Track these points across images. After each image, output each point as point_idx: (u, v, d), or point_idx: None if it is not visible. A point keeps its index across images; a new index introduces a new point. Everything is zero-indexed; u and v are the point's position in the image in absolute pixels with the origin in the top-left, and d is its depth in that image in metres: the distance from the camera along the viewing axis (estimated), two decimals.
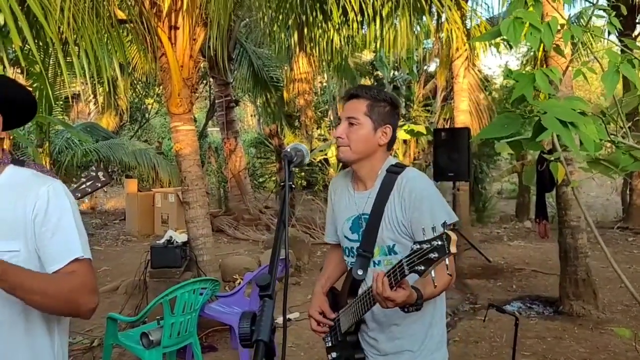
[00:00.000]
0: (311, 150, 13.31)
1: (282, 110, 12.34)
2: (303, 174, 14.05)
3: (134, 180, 11.05)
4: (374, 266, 1.92)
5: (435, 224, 1.80)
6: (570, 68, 2.90)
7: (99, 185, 2.94)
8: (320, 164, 13.70)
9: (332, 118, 14.42)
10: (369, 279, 1.91)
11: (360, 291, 1.94)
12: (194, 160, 5.13)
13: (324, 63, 7.92)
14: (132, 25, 4.87)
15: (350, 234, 2.01)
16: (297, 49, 7.42)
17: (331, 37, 6.36)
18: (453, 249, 1.42)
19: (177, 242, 4.77)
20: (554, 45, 1.41)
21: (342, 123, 1.94)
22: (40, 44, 4.97)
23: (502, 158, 14.75)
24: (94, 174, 2.90)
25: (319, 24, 5.89)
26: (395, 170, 1.94)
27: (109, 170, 13.18)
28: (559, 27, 1.29)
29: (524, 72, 1.49)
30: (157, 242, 4.81)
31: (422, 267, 1.48)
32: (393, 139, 1.99)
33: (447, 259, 1.42)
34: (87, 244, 1.50)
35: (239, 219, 9.78)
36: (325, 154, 12.51)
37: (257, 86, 11.74)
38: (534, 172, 6.98)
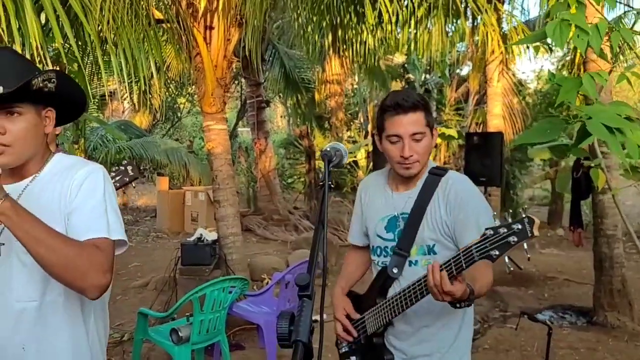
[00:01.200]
0: None
1: (312, 112, 12.35)
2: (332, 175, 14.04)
3: (165, 178, 11.20)
4: (411, 265, 1.91)
5: (479, 226, 1.79)
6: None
7: (127, 180, 2.91)
8: (348, 166, 13.67)
9: (362, 120, 14.38)
10: (403, 279, 1.90)
11: (392, 290, 1.92)
12: (226, 159, 5.18)
13: (355, 65, 7.90)
14: (168, 25, 4.94)
15: (385, 233, 1.99)
16: (330, 51, 7.42)
17: (364, 39, 6.34)
18: (536, 232, 1.41)
19: (207, 240, 4.82)
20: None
21: (405, 142, 1.85)
22: (79, 42, 5.08)
23: (535, 164, 14.50)
24: (123, 168, 2.90)
25: (353, 26, 5.88)
26: (438, 172, 1.94)
27: (141, 168, 13.40)
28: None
29: (566, 76, 1.46)
30: (188, 239, 4.87)
31: (497, 252, 1.47)
32: None
33: (525, 243, 1.41)
34: (119, 225, 1.49)
35: (268, 219, 9.83)
36: (355, 156, 12.47)
37: (288, 87, 11.77)
38: (569, 179, 6.82)
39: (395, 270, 1.91)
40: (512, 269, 5.02)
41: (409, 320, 1.92)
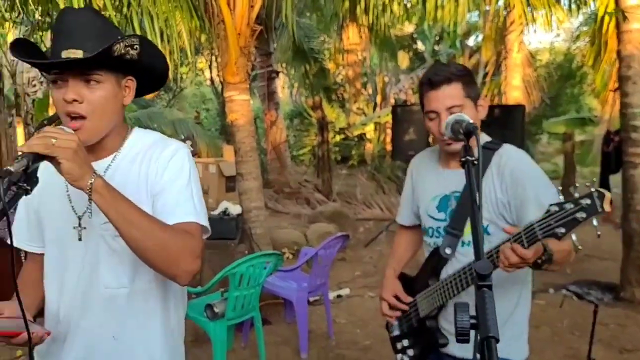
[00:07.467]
0: (350, 125, 13.13)
1: (320, 83, 12.13)
2: (338, 148, 13.90)
3: None
4: (463, 246, 1.82)
5: (540, 203, 1.67)
6: None
7: None
8: (356, 139, 13.52)
9: (370, 92, 14.17)
10: (456, 260, 1.82)
11: (444, 272, 1.84)
12: (249, 131, 5.04)
13: (372, 34, 7.67)
14: None
15: (437, 213, 1.89)
16: (347, 19, 7.20)
17: (387, 7, 6.12)
18: (607, 207, 1.33)
19: (232, 214, 4.71)
20: None
21: (442, 117, 1.72)
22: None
23: (543, 137, 14.39)
24: None
25: None
26: (491, 147, 1.80)
27: None
28: None
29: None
30: (212, 213, 4.76)
31: (563, 230, 1.38)
32: None
33: (595, 219, 1.32)
34: (204, 213, 1.39)
35: (279, 192, 9.71)
36: (364, 129, 12.33)
37: (297, 57, 11.51)
38: (590, 153, 6.73)
39: (448, 251, 1.83)
40: (580, 247, 4.90)
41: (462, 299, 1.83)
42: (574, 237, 1.36)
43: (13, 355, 3.81)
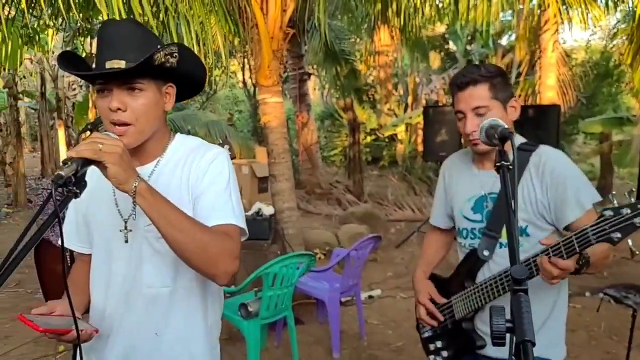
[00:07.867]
0: (381, 126, 13.12)
1: (351, 84, 12.15)
2: (369, 149, 13.89)
3: None
4: (501, 247, 1.81)
5: (580, 203, 1.67)
6: None
7: None
8: (387, 140, 13.49)
9: (401, 93, 14.12)
10: (493, 262, 1.81)
11: (481, 274, 1.84)
12: (281, 133, 5.10)
13: (404, 35, 7.65)
14: None
15: (472, 214, 1.89)
16: (379, 21, 7.19)
17: (418, 9, 6.11)
18: None
19: (264, 214, 4.78)
20: None
21: (467, 117, 1.77)
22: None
23: (579, 137, 14.08)
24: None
25: None
26: (527, 148, 1.80)
27: None
28: None
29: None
30: (245, 213, 4.84)
31: (620, 235, 1.36)
32: None
33: None
34: (242, 215, 1.44)
35: (310, 193, 9.77)
36: (395, 130, 12.29)
37: (328, 59, 11.56)
38: (628, 154, 6.57)
39: (486, 253, 1.82)
40: (637, 252, 4.79)
41: (497, 302, 1.82)
42: (630, 242, 1.36)
43: (56, 349, 3.94)
